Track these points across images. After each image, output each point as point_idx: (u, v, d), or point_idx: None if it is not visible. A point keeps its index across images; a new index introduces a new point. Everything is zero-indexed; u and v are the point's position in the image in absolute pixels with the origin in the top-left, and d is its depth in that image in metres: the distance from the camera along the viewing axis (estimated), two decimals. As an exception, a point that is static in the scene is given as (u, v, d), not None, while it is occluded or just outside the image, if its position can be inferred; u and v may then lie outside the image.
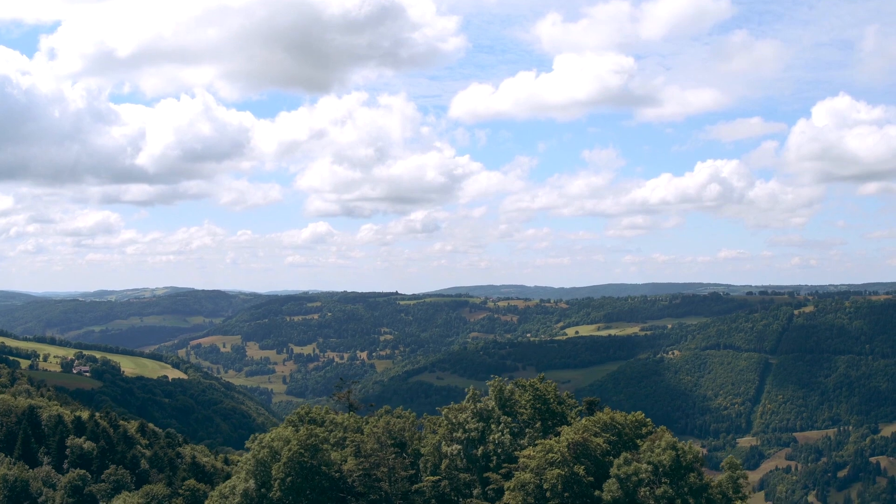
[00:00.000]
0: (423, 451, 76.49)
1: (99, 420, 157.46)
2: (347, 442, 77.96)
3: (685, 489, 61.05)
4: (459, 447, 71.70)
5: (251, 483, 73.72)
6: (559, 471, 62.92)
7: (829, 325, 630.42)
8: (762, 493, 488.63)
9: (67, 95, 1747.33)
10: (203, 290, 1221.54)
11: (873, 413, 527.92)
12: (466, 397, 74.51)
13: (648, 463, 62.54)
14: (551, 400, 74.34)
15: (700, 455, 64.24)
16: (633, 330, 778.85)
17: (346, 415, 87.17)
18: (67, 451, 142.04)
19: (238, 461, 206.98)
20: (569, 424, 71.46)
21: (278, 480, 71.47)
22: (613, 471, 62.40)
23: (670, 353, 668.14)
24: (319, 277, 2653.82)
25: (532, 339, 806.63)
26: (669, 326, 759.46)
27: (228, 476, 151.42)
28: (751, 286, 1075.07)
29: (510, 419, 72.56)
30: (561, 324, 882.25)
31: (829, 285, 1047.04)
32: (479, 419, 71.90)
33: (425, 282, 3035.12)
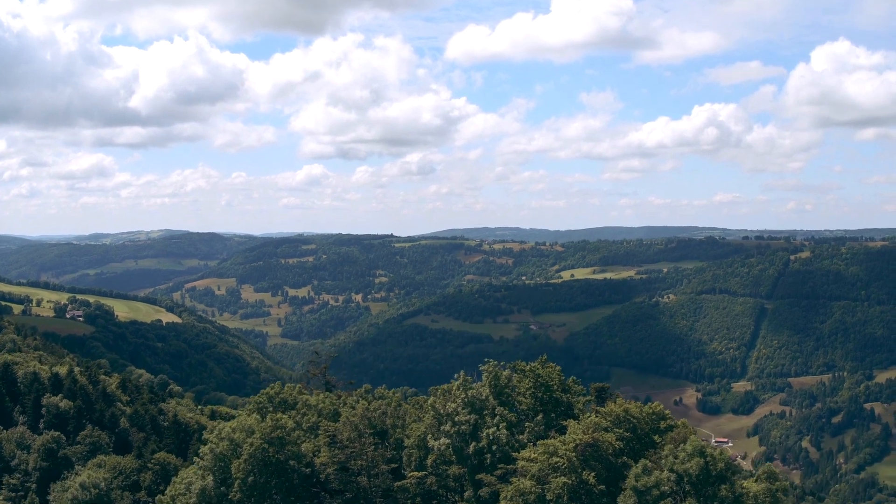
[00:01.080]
0: (406, 442, 66.08)
1: (78, 376, 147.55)
2: (321, 430, 67.51)
3: (715, 504, 50.88)
4: (448, 442, 61.12)
5: (209, 480, 63.34)
6: (565, 479, 52.54)
7: (826, 271, 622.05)
8: (756, 438, 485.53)
9: (59, 38, 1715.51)
10: (198, 233, 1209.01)
11: (868, 359, 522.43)
12: (456, 384, 63.54)
13: (671, 471, 52.16)
14: (555, 387, 63.57)
15: (733, 462, 53.60)
16: (628, 274, 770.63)
17: (322, 395, 76.38)
18: (43, 411, 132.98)
19: (228, 413, 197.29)
20: (575, 417, 60.95)
21: (238, 480, 61.06)
22: (630, 481, 51.89)
23: (666, 297, 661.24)
24: (314, 220, 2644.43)
25: (527, 282, 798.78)
26: (665, 270, 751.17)
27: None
28: (746, 230, 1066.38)
29: (507, 410, 61.75)
30: (556, 267, 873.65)
31: (825, 230, 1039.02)
32: (471, 410, 61.15)
33: (420, 224, 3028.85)
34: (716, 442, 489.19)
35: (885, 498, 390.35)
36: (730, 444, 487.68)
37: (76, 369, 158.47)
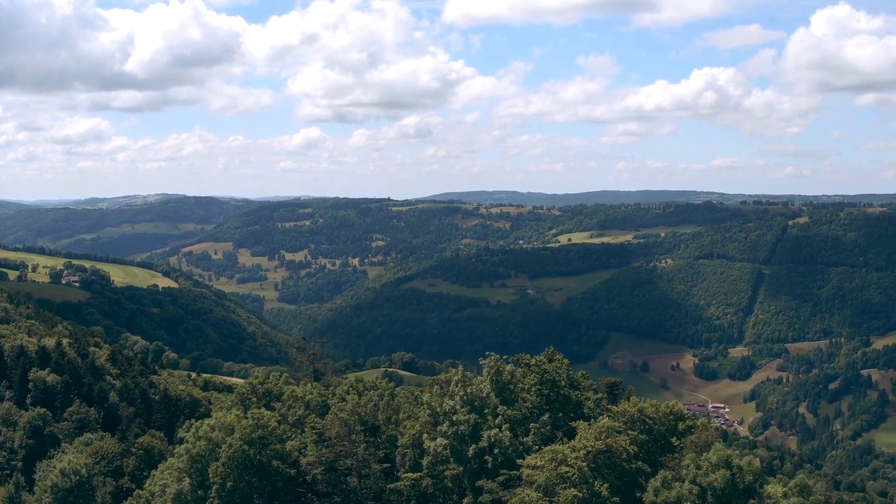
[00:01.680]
0: (400, 440, 60.36)
1: (66, 349, 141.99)
2: (307, 426, 61.82)
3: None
4: (445, 443, 55.41)
5: (185, 483, 57.71)
6: (575, 491, 46.92)
7: (824, 237, 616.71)
8: (753, 404, 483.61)
9: (54, 1, 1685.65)
10: (194, 197, 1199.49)
11: (865, 326, 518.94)
12: (454, 379, 57.58)
13: (694, 483, 46.50)
14: (563, 384, 57.58)
15: (763, 473, 47.94)
16: (626, 238, 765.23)
17: (309, 386, 70.50)
18: (30, 386, 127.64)
19: (222, 383, 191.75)
20: (584, 417, 55.23)
21: (216, 485, 55.43)
22: (649, 496, 46.27)
23: (663, 261, 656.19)
24: (311, 183, 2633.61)
25: (524, 246, 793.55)
26: (663, 235, 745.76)
27: (205, 413, 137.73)
28: (744, 195, 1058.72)
29: (510, 409, 55.82)
30: (553, 231, 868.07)
31: (823, 195, 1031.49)
32: (471, 409, 55.31)
33: (417, 187, 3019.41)
34: (712, 407, 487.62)
35: (881, 465, 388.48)
36: (726, 410, 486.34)
37: (65, 341, 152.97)
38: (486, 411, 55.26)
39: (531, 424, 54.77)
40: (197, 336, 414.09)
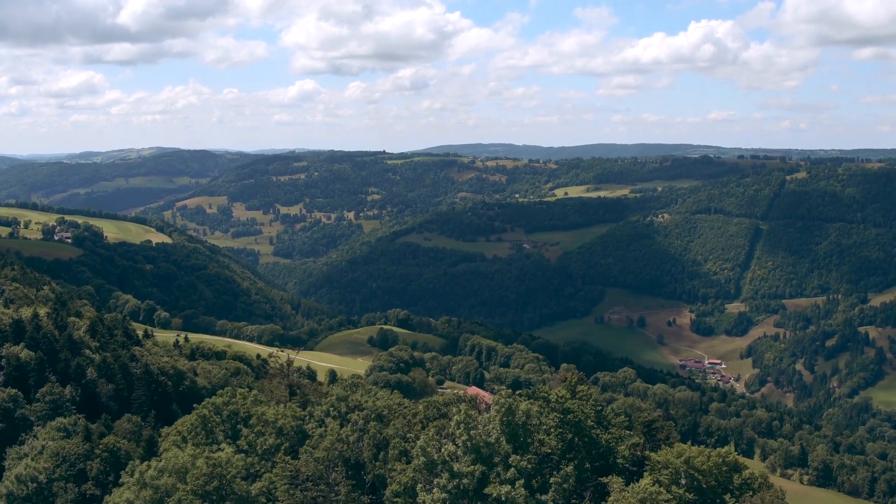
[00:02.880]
0: (390, 487, 48.91)
1: (43, 321, 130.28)
2: (278, 464, 50.58)
3: None
4: (444, 497, 44.16)
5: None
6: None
7: (822, 192, 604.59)
8: (749, 360, 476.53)
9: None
10: (189, 150, 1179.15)
11: (863, 282, 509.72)
12: (455, 419, 45.79)
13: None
14: (589, 423, 46.07)
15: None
16: (622, 192, 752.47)
17: (283, 407, 58.84)
18: (2, 362, 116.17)
19: (211, 349, 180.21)
20: (617, 468, 43.98)
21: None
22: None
23: (660, 216, 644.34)
24: (307, 136, 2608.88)
25: (521, 199, 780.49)
26: (659, 189, 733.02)
27: (190, 387, 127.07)
28: (741, 149, 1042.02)
29: (524, 458, 44.20)
30: (550, 184, 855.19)
31: (820, 150, 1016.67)
32: (476, 457, 43.91)
33: (413, 140, 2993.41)
34: (709, 364, 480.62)
35: (878, 423, 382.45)
36: (723, 366, 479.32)
37: (42, 311, 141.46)
38: (494, 460, 43.75)
39: (551, 478, 43.30)
40: (190, 293, 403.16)
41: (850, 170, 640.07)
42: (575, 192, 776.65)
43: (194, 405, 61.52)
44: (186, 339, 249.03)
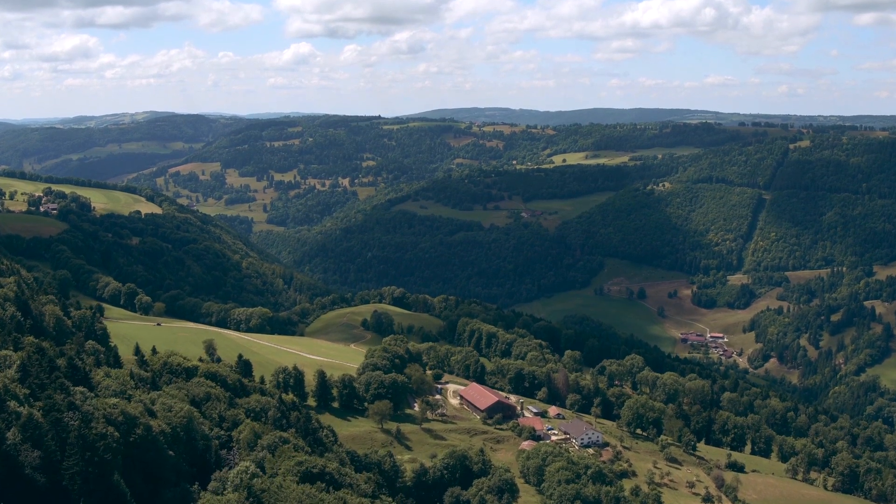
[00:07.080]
0: None
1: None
2: None
3: None
4: None
5: None
6: None
7: (826, 161, 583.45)
8: (752, 334, 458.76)
9: None
10: (183, 115, 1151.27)
11: (868, 255, 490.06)
12: None
13: None
14: None
15: None
16: (622, 159, 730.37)
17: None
18: None
19: (180, 366, 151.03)
20: None
21: None
22: None
23: (661, 185, 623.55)
24: (302, 100, 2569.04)
25: (518, 166, 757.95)
26: (660, 157, 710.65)
27: (142, 436, 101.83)
28: (739, 114, 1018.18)
29: None
30: (548, 151, 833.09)
31: (819, 116, 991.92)
32: None
33: (409, 104, 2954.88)
34: (711, 337, 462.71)
35: (886, 403, 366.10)
36: (725, 340, 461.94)
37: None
38: None
39: None
40: (178, 270, 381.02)
41: (854, 138, 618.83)
42: (573, 158, 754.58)
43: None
44: (178, 312, 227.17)
